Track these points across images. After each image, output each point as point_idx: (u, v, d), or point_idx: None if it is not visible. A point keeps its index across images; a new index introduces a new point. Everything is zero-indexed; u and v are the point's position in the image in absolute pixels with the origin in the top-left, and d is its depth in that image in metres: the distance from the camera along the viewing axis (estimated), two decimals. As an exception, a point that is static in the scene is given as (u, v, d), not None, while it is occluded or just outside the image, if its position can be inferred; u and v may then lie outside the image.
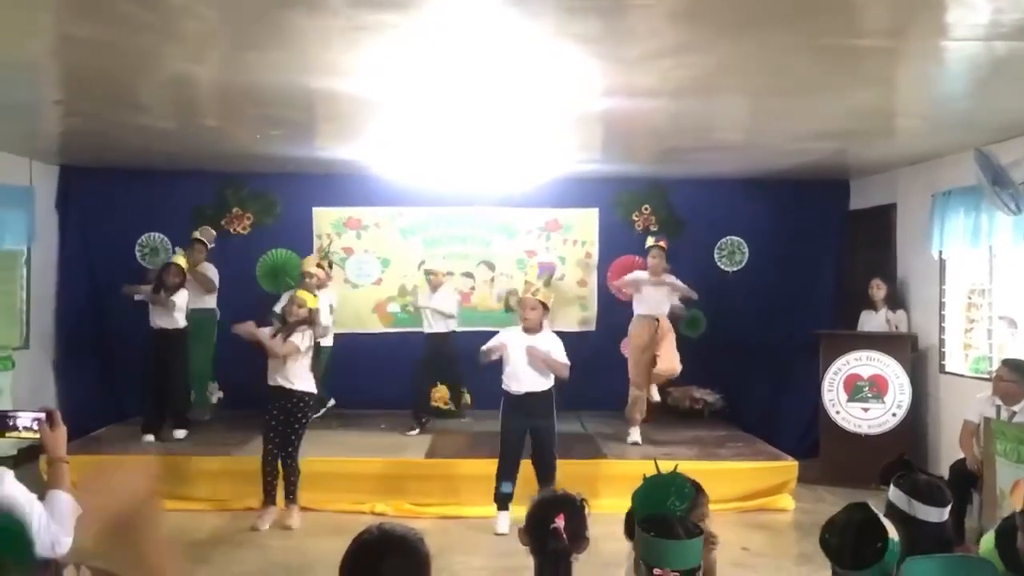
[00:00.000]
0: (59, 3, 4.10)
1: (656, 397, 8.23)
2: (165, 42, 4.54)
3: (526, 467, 6.62)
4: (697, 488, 3.02)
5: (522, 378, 6.55)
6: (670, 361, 7.95)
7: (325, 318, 8.24)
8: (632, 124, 6.62)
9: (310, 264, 8.69)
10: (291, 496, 6.69)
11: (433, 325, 8.74)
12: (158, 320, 8.07)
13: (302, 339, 6.58)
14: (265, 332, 6.65)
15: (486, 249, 9.91)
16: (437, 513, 6.96)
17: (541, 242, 9.97)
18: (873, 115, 6.30)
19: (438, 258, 9.81)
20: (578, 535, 2.70)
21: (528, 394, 6.53)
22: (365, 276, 9.88)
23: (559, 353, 6.58)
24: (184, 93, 5.84)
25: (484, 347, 6.68)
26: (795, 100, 5.78)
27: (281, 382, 6.61)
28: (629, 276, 8.45)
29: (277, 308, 8.73)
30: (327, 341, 8.63)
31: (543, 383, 6.58)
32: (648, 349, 8.09)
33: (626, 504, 2.71)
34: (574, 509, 2.73)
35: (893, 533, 2.64)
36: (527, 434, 6.58)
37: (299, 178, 9.53)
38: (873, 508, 2.76)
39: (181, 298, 8.10)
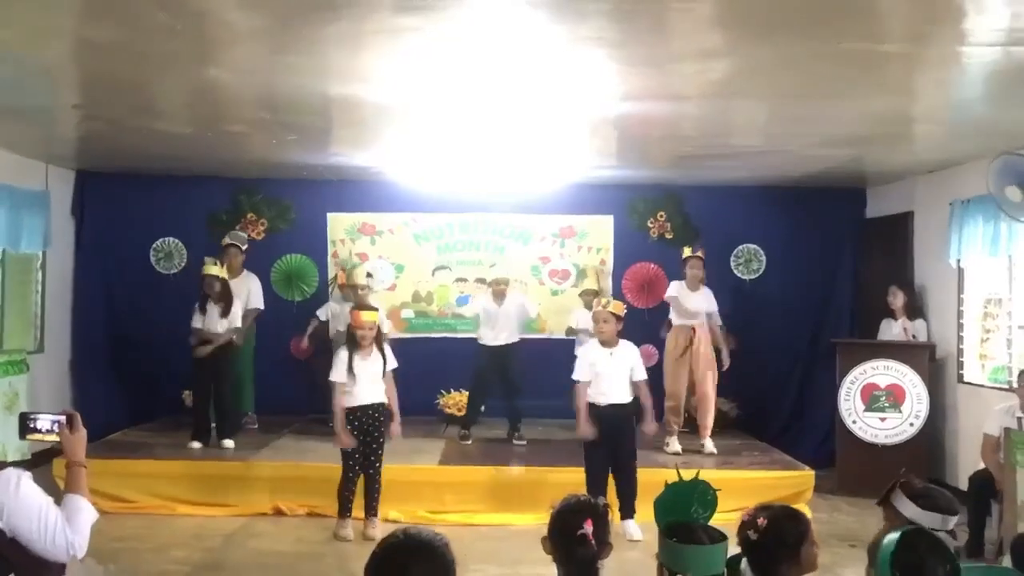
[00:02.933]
0: (79, 6, 4.11)
1: (711, 448, 8.02)
2: (185, 46, 4.55)
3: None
4: (801, 520, 2.98)
5: (607, 391, 6.56)
6: (704, 389, 8.09)
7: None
8: (649, 129, 6.60)
9: (360, 276, 8.47)
10: (375, 509, 6.58)
11: (498, 337, 8.43)
12: (208, 330, 7.92)
13: (389, 355, 6.67)
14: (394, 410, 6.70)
15: (500, 256, 9.88)
16: (451, 521, 6.91)
17: (555, 249, 9.94)
18: (891, 121, 6.26)
19: (453, 264, 9.83)
20: (603, 541, 2.67)
21: (612, 406, 6.55)
22: (379, 282, 9.85)
23: (639, 369, 6.63)
24: (202, 98, 5.85)
25: (577, 377, 6.67)
26: (814, 105, 5.75)
27: (362, 399, 6.51)
28: (670, 292, 8.32)
29: (322, 315, 8.74)
30: None
31: (627, 395, 6.61)
32: (684, 359, 8.10)
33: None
34: (599, 515, 2.70)
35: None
36: (610, 447, 6.55)
37: (313, 184, 9.54)
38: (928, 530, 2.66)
39: (236, 313, 7.98)
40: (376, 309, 7.02)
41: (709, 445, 8.06)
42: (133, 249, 9.63)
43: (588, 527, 2.61)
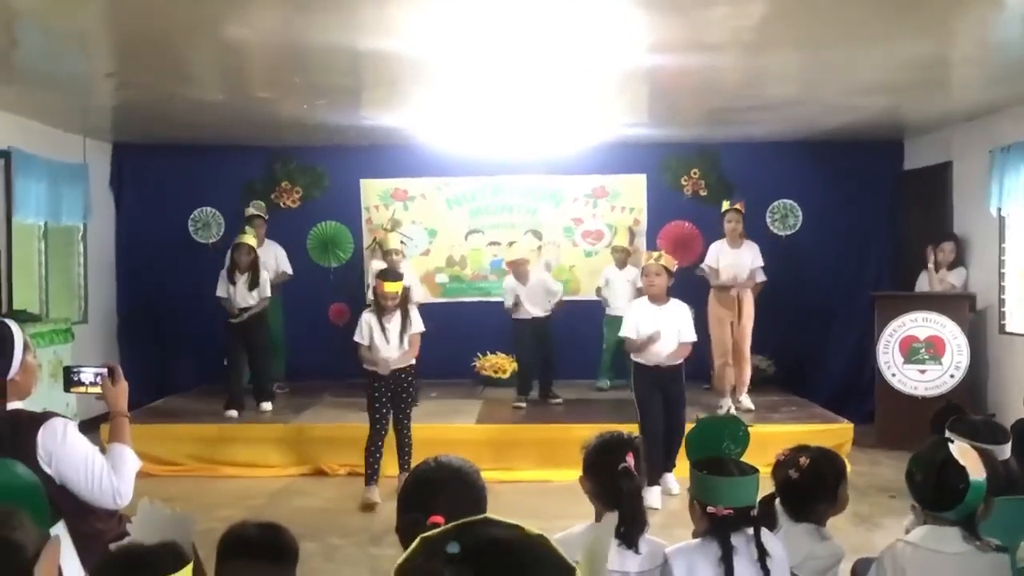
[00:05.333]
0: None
1: (749, 404, 7.95)
2: (212, 7, 4.58)
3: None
4: (838, 460, 2.99)
5: (658, 351, 6.29)
6: (743, 348, 7.95)
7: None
8: (680, 81, 6.53)
9: (393, 241, 8.37)
10: (408, 465, 6.50)
11: (531, 310, 8.32)
12: (239, 299, 8.00)
13: (415, 318, 6.61)
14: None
15: (532, 218, 9.86)
16: (489, 478, 6.93)
17: (588, 209, 9.90)
18: (928, 65, 6.13)
19: (486, 227, 9.83)
20: (642, 472, 2.70)
21: (666, 368, 6.33)
22: (413, 247, 9.88)
23: (687, 329, 6.38)
24: (233, 61, 5.90)
25: (631, 338, 6.36)
26: (848, 50, 5.65)
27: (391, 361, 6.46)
28: (708, 258, 8.11)
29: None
30: None
31: (680, 355, 6.39)
32: (729, 318, 7.96)
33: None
34: (636, 448, 2.72)
35: (977, 474, 2.57)
36: (663, 408, 6.37)
37: (346, 150, 9.58)
38: (954, 447, 2.67)
39: (265, 283, 8.05)
40: (401, 277, 6.84)
41: (747, 401, 8.03)
42: (171, 219, 9.76)
43: (630, 459, 2.63)
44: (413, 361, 6.67)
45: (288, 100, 7.18)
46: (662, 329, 6.30)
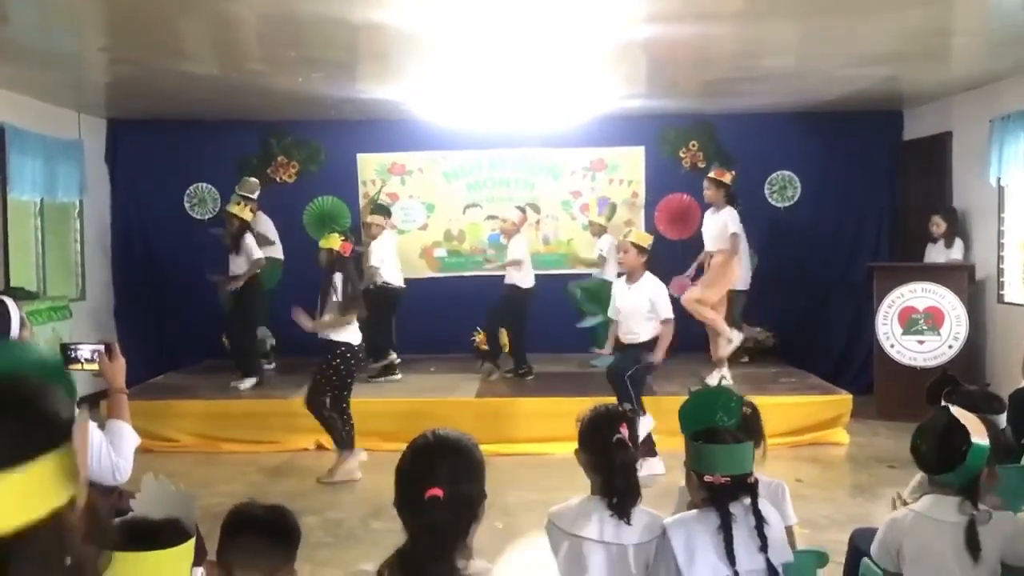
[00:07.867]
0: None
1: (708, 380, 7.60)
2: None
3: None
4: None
5: (624, 328, 6.28)
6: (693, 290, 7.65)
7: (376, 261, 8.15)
8: (677, 53, 6.48)
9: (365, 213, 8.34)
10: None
11: (509, 275, 8.18)
12: (234, 270, 7.98)
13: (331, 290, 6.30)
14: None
15: (530, 191, 9.81)
16: (488, 451, 6.92)
17: (586, 182, 9.85)
18: (928, 34, 6.09)
19: (483, 201, 9.79)
20: (636, 445, 2.71)
21: (626, 345, 6.29)
22: (411, 222, 9.87)
23: (661, 307, 6.23)
24: (226, 35, 5.85)
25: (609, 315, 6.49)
26: (846, 20, 5.60)
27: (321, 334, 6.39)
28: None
29: (375, 262, 8.40)
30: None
31: (644, 334, 6.27)
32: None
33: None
34: (630, 420, 2.73)
35: (979, 437, 2.57)
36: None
37: (342, 125, 9.53)
38: (955, 412, 2.68)
39: (249, 247, 7.96)
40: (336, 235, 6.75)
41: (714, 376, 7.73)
42: (167, 196, 9.72)
43: (624, 431, 2.64)
44: (331, 336, 6.41)
45: (283, 74, 7.13)
46: (629, 307, 6.27)
